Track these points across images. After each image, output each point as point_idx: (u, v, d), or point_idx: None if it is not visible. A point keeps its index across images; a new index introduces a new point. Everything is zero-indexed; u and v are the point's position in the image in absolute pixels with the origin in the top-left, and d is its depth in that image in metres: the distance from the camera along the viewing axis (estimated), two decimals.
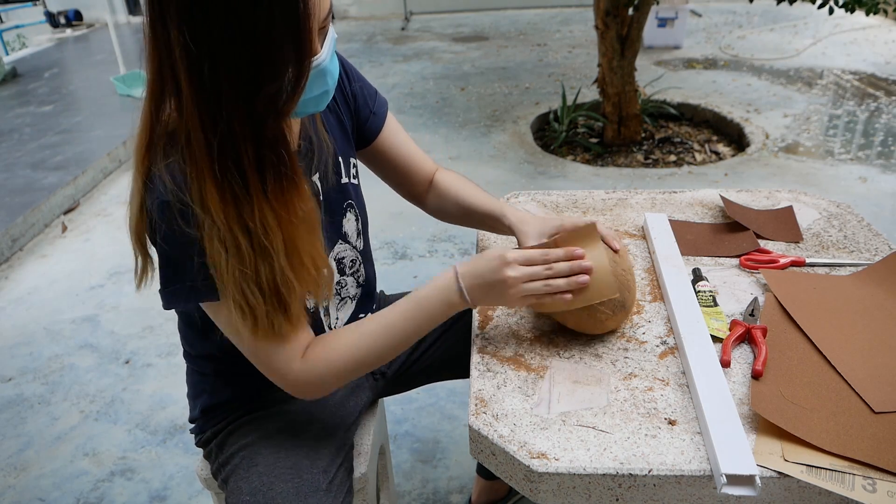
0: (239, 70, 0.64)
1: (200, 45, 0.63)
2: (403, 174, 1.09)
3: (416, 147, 1.10)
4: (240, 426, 0.99)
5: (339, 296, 1.01)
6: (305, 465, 0.92)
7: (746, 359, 0.86)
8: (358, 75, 1.02)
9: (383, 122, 1.04)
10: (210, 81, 0.64)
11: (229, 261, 0.72)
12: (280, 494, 0.87)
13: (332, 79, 0.76)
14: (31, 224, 3.08)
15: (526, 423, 0.78)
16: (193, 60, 0.63)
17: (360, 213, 1.02)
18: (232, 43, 0.62)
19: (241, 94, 0.65)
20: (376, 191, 1.36)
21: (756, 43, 5.74)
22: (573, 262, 0.83)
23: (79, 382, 2.12)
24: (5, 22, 7.78)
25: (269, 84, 0.65)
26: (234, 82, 0.64)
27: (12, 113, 4.64)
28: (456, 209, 1.09)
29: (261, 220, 0.71)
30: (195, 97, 0.65)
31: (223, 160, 0.68)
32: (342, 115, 0.98)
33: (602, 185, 3.24)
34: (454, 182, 1.10)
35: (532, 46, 6.03)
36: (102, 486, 1.73)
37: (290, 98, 0.68)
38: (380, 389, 1.18)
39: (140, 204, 0.74)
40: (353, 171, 1.01)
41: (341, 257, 0.99)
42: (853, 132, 3.77)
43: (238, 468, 0.93)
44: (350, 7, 7.98)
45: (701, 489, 0.71)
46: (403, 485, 1.68)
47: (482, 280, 0.83)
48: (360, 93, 1.01)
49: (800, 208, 1.24)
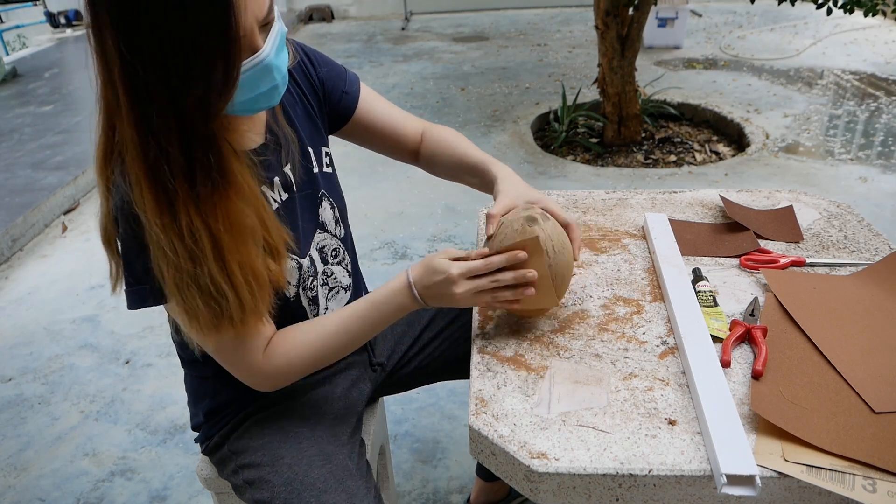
0: (168, 71, 0.65)
1: (132, 49, 0.64)
2: (392, 140, 1.09)
3: (398, 111, 1.10)
4: (250, 426, 1.00)
5: (328, 286, 1.01)
6: (331, 450, 0.95)
7: (746, 359, 0.86)
8: (324, 59, 1.02)
9: (357, 98, 1.04)
10: (143, 83, 0.65)
11: (168, 264, 0.73)
12: (318, 480, 0.89)
13: (279, 73, 0.77)
14: (31, 224, 3.08)
15: (526, 423, 0.78)
16: (127, 63, 0.65)
17: (335, 201, 1.03)
18: (161, 47, 0.64)
19: (170, 95, 0.66)
20: (376, 191, 1.36)
21: (756, 43, 5.74)
22: (517, 273, 0.85)
23: (79, 382, 2.12)
24: (5, 22, 7.78)
25: (197, 85, 0.66)
26: (163, 83, 0.65)
27: (12, 113, 4.64)
28: (447, 162, 1.09)
29: (188, 224, 0.72)
30: (129, 99, 0.67)
31: (156, 162, 0.68)
32: (310, 104, 0.99)
33: (602, 185, 3.24)
34: (446, 137, 1.09)
35: (532, 46, 6.02)
36: (102, 487, 1.73)
37: (220, 98, 0.69)
38: (379, 382, 1.18)
39: (106, 209, 0.76)
40: (326, 160, 1.01)
41: (322, 246, 1.00)
42: (853, 132, 3.77)
43: (262, 465, 0.94)
44: (350, 7, 7.98)
45: (701, 489, 0.71)
46: (403, 485, 1.68)
47: (434, 291, 0.86)
48: (328, 76, 1.01)
49: (800, 208, 1.24)
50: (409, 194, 3.08)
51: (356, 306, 0.90)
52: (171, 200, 0.70)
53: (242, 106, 0.76)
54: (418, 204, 3.06)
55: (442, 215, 2.97)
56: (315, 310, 1.00)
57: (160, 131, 0.67)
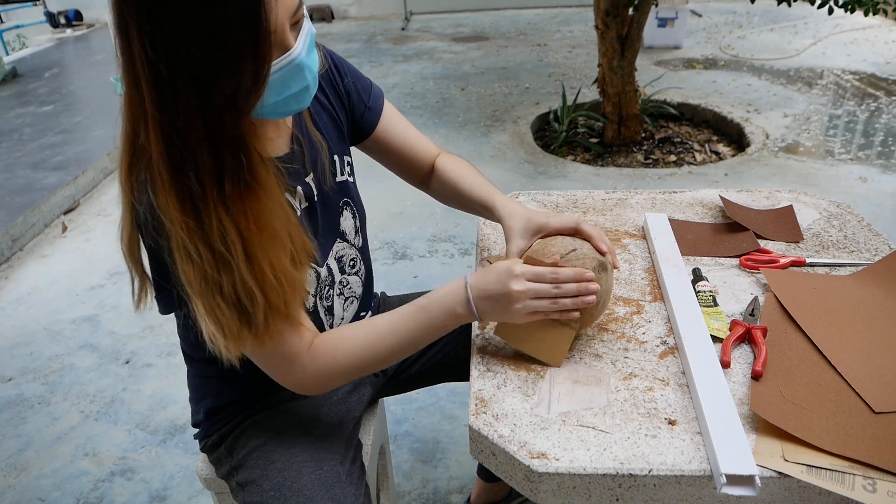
0: (194, 69, 0.63)
1: (158, 46, 0.62)
2: (406, 162, 1.08)
3: (416, 133, 1.09)
4: (247, 428, 0.99)
5: (344, 295, 1.01)
6: (323, 456, 0.94)
7: (746, 359, 0.86)
8: (350, 69, 1.01)
9: (380, 115, 1.03)
10: (167, 82, 0.63)
11: (195, 270, 0.71)
12: (305, 486, 0.88)
13: (310, 74, 0.75)
14: (31, 224, 3.08)
15: (526, 423, 0.78)
16: (152, 63, 0.62)
17: (356, 210, 1.02)
18: (187, 43, 0.61)
19: (197, 94, 0.64)
20: (376, 191, 1.36)
21: (756, 43, 5.74)
22: (581, 284, 0.81)
23: (79, 382, 2.12)
24: (5, 22, 7.79)
25: (226, 83, 0.64)
26: (190, 82, 0.63)
27: (12, 113, 4.64)
28: (453, 195, 1.08)
29: (218, 226, 0.69)
30: (154, 100, 0.64)
31: (181, 165, 0.66)
32: (336, 112, 0.97)
33: (602, 185, 3.24)
34: (454, 168, 1.08)
35: (532, 46, 6.02)
36: (102, 487, 1.73)
37: (249, 97, 0.66)
38: (380, 387, 1.18)
39: (130, 219, 0.74)
40: (348, 169, 1.00)
41: (340, 255, 0.99)
42: (853, 132, 3.77)
43: (255, 468, 0.94)
44: (350, 7, 7.98)
45: (701, 489, 0.71)
46: (403, 485, 1.68)
47: (489, 291, 0.81)
48: (354, 88, 1.00)
49: (800, 208, 1.24)
50: (409, 194, 3.08)
51: (406, 308, 0.86)
52: (197, 204, 0.68)
53: (272, 108, 0.74)
54: (418, 204, 3.06)
55: (442, 215, 2.97)
56: (331, 320, 0.99)
57: (187, 132, 0.65)
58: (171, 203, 0.68)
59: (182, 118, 0.64)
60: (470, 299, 0.82)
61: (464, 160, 1.11)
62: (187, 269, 0.71)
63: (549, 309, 0.81)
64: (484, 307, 0.82)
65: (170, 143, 0.66)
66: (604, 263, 0.86)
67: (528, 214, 0.94)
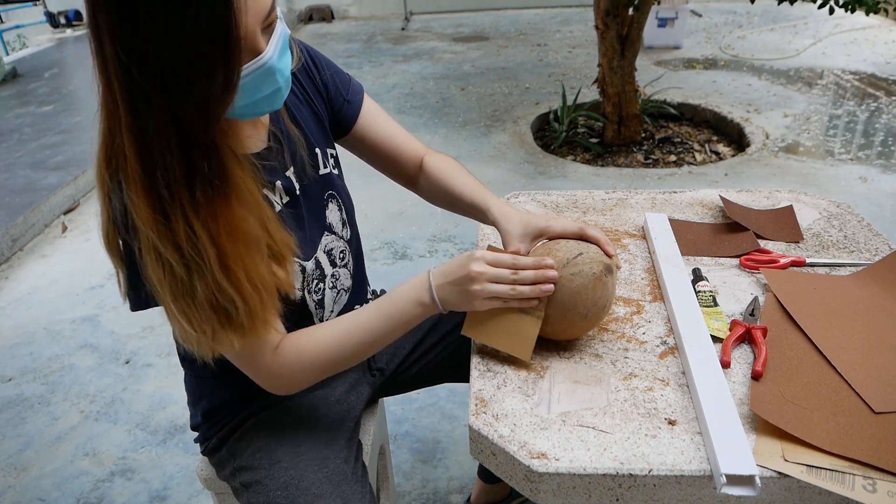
0: (166, 76, 0.63)
1: (130, 52, 0.62)
2: (389, 159, 1.07)
3: (400, 130, 1.08)
4: (248, 429, 1.00)
5: (336, 288, 1.01)
6: (328, 455, 0.94)
7: (746, 359, 0.86)
8: (328, 63, 1.00)
9: (359, 109, 1.03)
10: (139, 87, 0.63)
11: (164, 273, 0.71)
12: (313, 484, 0.89)
13: (282, 77, 0.75)
14: (31, 224, 3.08)
15: (526, 423, 0.78)
16: (124, 67, 0.63)
17: (343, 202, 1.02)
18: (158, 49, 0.62)
19: (168, 100, 0.64)
20: (376, 191, 1.36)
21: (756, 43, 5.74)
22: (539, 272, 0.82)
23: (79, 382, 2.12)
24: (5, 22, 7.79)
25: (196, 90, 0.64)
26: (161, 88, 0.63)
27: (12, 113, 4.64)
28: (443, 195, 1.07)
29: (187, 233, 0.69)
30: (126, 105, 0.65)
31: (152, 170, 0.67)
32: (316, 105, 0.97)
33: (602, 185, 3.24)
34: (444, 167, 1.07)
35: (532, 46, 6.02)
36: (102, 487, 1.73)
37: (220, 104, 0.67)
38: (380, 387, 1.18)
39: (107, 215, 0.74)
40: (332, 162, 1.00)
41: (330, 249, 0.99)
42: (853, 132, 3.77)
43: (259, 468, 0.94)
44: (350, 7, 7.98)
45: (701, 489, 0.71)
46: (403, 485, 1.68)
47: (450, 277, 0.83)
48: (332, 81, 0.99)
49: (800, 208, 1.23)
50: (409, 194, 3.05)
51: (375, 303, 0.87)
52: (167, 207, 0.68)
53: (243, 110, 0.75)
54: (418, 204, 3.06)
55: (442, 215, 2.97)
56: (321, 313, 0.98)
57: (158, 137, 0.65)
58: (141, 205, 0.68)
59: (153, 123, 0.65)
60: (431, 286, 0.83)
61: (453, 160, 1.10)
62: (157, 270, 0.72)
63: (507, 295, 0.82)
64: (445, 294, 0.83)
65: (141, 146, 0.66)
66: (610, 267, 0.86)
67: (526, 218, 0.94)
